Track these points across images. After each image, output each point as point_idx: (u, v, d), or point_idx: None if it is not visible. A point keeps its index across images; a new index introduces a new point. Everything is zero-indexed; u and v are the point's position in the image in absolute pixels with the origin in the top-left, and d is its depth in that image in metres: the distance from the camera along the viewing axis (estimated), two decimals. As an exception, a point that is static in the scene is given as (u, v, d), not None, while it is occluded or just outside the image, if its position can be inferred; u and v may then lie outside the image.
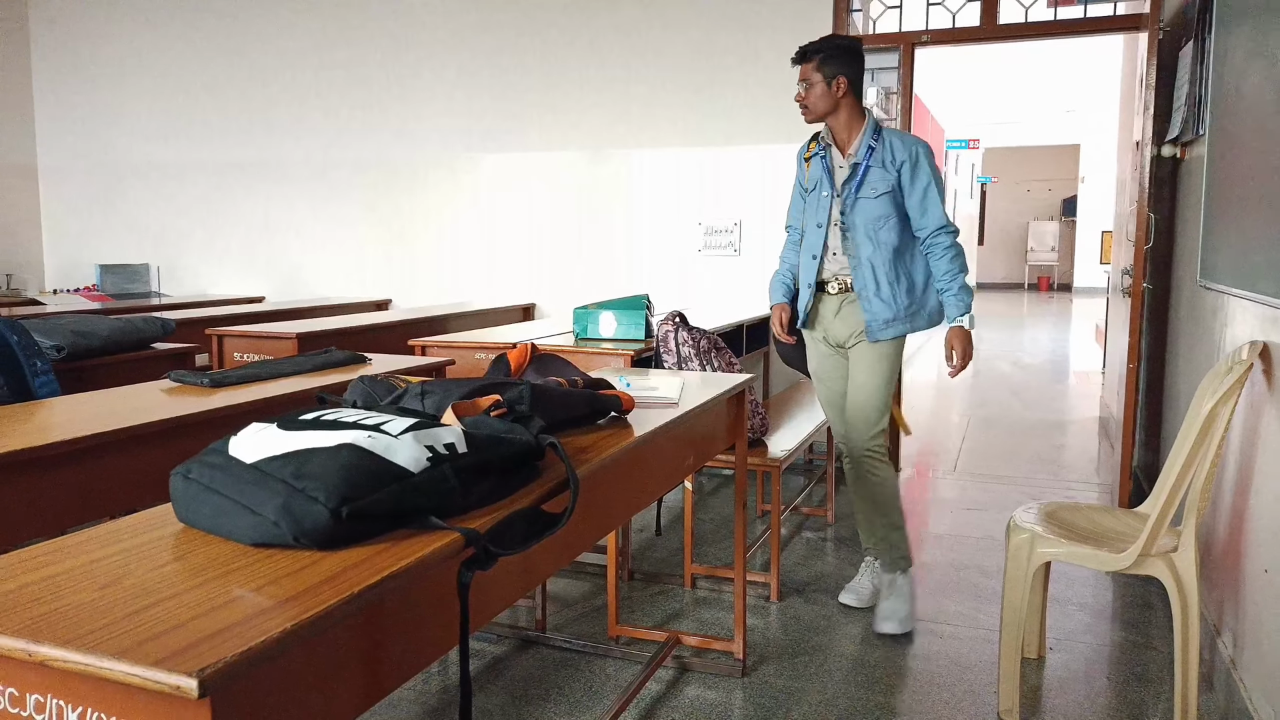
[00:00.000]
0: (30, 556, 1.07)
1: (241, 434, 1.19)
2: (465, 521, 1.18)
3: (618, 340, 3.53)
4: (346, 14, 5.75)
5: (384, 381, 1.57)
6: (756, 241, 4.98)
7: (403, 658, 1.12)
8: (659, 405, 2.03)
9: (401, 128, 5.71)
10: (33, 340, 2.51)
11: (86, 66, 6.55)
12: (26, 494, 1.70)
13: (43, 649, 0.86)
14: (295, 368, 2.55)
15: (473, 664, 2.65)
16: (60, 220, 6.82)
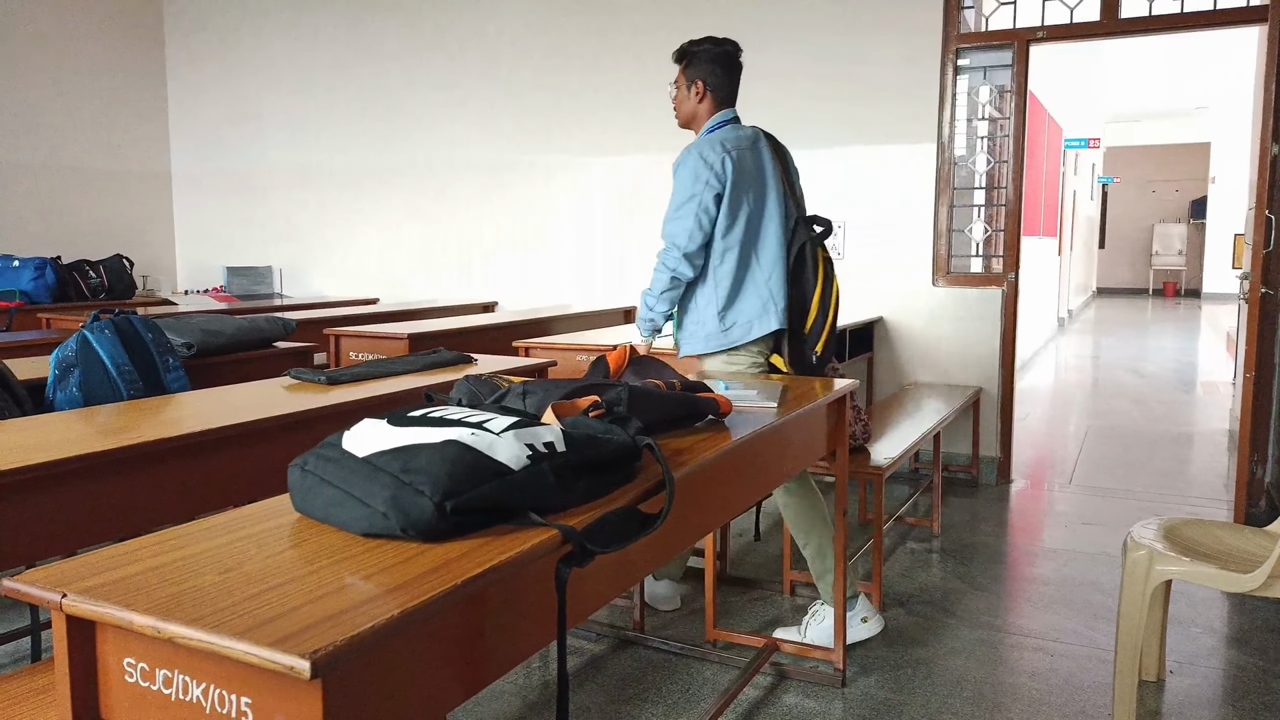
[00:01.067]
0: (160, 540, 1.15)
1: (354, 429, 1.24)
2: (563, 519, 1.21)
3: (718, 344, 3.52)
4: (453, 20, 5.92)
5: (488, 381, 1.61)
6: (860, 245, 4.90)
7: (502, 649, 1.15)
8: (757, 409, 2.02)
9: (510, 132, 5.84)
10: (165, 338, 2.67)
11: (216, 79, 6.93)
12: (157, 482, 1.82)
13: (171, 627, 0.91)
14: (406, 367, 2.64)
15: (571, 661, 2.69)
16: (191, 225, 7.23)
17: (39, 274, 5.36)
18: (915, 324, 4.84)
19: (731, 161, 2.71)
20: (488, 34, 5.83)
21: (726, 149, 2.73)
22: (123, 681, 1.00)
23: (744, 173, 2.74)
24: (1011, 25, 4.58)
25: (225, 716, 0.93)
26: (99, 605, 0.96)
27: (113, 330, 2.53)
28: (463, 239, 6.07)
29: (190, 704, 0.95)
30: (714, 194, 2.70)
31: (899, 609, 3.07)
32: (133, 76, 6.93)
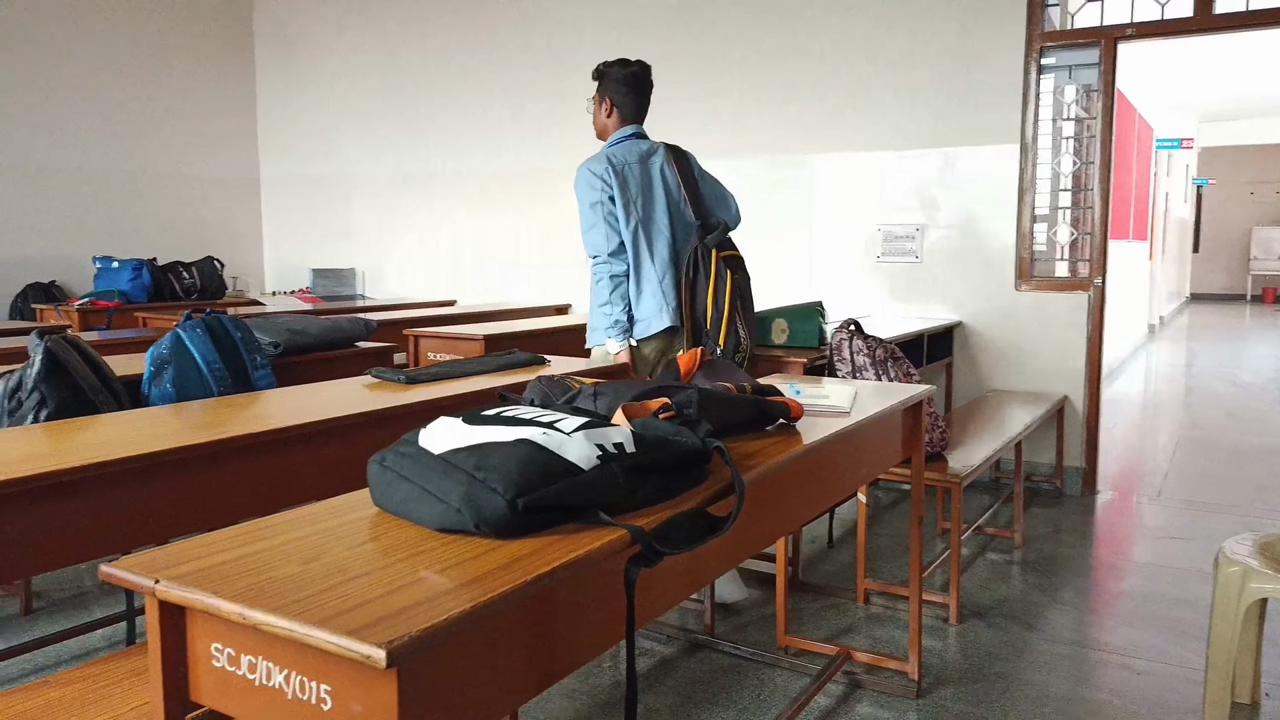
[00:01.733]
0: (246, 531, 1.19)
1: (431, 426, 1.27)
2: (632, 519, 1.22)
3: (789, 348, 3.50)
4: (531, 26, 6.00)
5: (560, 382, 1.63)
6: (939, 248, 4.81)
7: (572, 647, 1.17)
8: (829, 414, 2.00)
9: (577, 132, 5.89)
10: (253, 337, 2.77)
11: (303, 87, 7.15)
12: (244, 475, 1.89)
13: (255, 614, 0.95)
14: (481, 367, 2.69)
15: (642, 663, 2.70)
16: (279, 228, 7.48)
17: (136, 275, 5.61)
18: (997, 329, 4.72)
19: (614, 172, 3.06)
20: (561, 40, 5.90)
21: (610, 162, 3.08)
22: (210, 666, 1.04)
23: (630, 184, 3.09)
24: (1099, 23, 4.45)
25: (305, 702, 0.96)
26: (189, 591, 1.00)
27: (204, 329, 2.64)
28: (539, 242, 6.15)
29: (273, 689, 0.99)
30: (608, 197, 3.05)
31: (977, 620, 3.00)
32: (224, 85, 7.20)
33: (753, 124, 5.29)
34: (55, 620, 2.99)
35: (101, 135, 6.46)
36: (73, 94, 6.28)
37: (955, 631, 2.93)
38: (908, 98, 4.81)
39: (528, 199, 6.16)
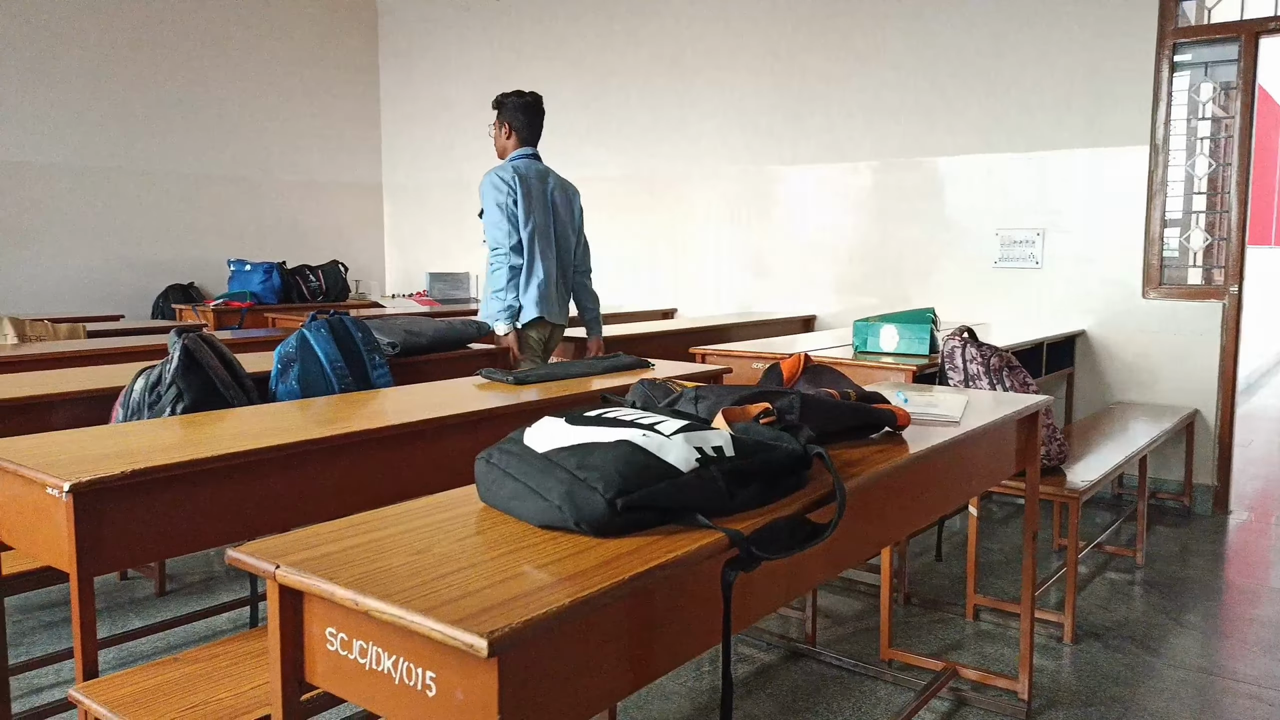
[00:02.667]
0: (360, 522, 1.25)
1: (535, 426, 1.30)
2: (730, 523, 1.22)
3: (899, 355, 3.43)
4: (636, 29, 6.05)
5: (662, 385, 1.65)
6: (1061, 253, 4.63)
7: (668, 647, 1.18)
8: (938, 423, 1.96)
9: (690, 140, 5.92)
10: (373, 337, 2.89)
11: (424, 99, 7.40)
12: (361, 468, 1.97)
13: (367, 600, 1.00)
14: (587, 369, 2.73)
15: (741, 669, 2.69)
16: (400, 233, 7.76)
17: (267, 277, 5.91)
18: (1122, 339, 4.52)
19: (519, 178, 3.53)
20: (679, 45, 5.93)
21: (515, 170, 3.55)
22: (325, 649, 1.09)
23: (530, 193, 3.55)
24: (1239, 16, 4.20)
25: (411, 688, 1.00)
26: (306, 577, 1.06)
27: (328, 329, 2.77)
28: (645, 247, 6.20)
29: (382, 674, 1.03)
30: (511, 199, 3.50)
31: (1094, 641, 2.88)
32: (351, 97, 7.53)
33: (865, 126, 5.21)
34: (186, 602, 3.18)
35: (238, 145, 6.85)
36: (212, 107, 6.67)
37: (1069, 652, 2.81)
38: (1032, 98, 4.65)
39: (637, 205, 6.22)
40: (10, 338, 3.54)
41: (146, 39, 6.31)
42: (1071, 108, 4.54)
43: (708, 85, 5.81)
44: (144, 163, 6.36)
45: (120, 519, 1.59)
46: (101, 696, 1.48)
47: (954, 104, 4.90)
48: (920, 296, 5.06)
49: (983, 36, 4.77)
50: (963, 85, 4.86)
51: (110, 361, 3.19)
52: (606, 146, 6.34)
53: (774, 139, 5.57)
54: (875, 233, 5.24)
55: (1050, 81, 4.59)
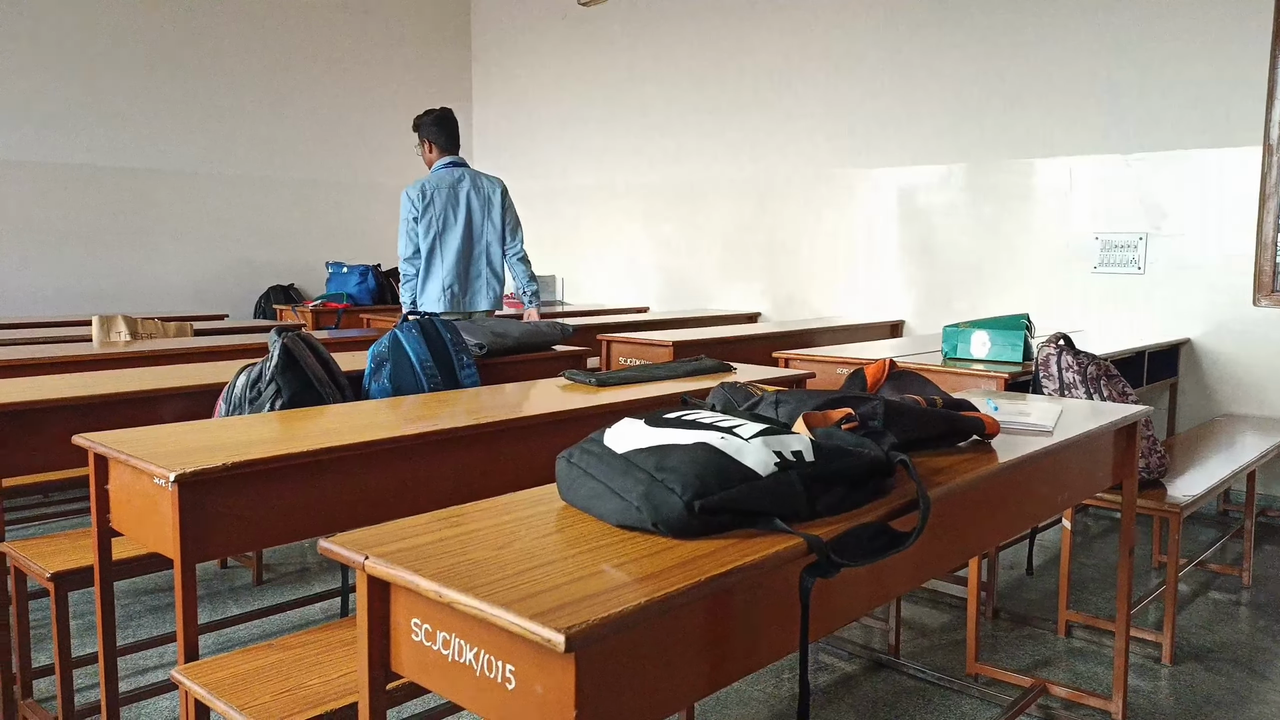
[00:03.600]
0: (446, 516, 1.29)
1: (615, 427, 1.32)
2: (809, 528, 1.21)
3: (991, 362, 3.35)
4: (726, 32, 6.04)
5: (743, 388, 1.64)
6: (1165, 258, 4.44)
7: (745, 651, 1.18)
8: (1030, 432, 1.90)
9: (777, 144, 5.88)
10: (461, 339, 2.96)
11: (515, 106, 7.54)
12: (448, 465, 2.02)
13: (450, 593, 1.02)
14: (669, 372, 2.74)
15: (821, 677, 2.66)
16: (488, 238, 7.91)
17: (362, 279, 6.11)
18: (1230, 348, 4.31)
19: (422, 198, 4.11)
20: (770, 52, 5.90)
21: (423, 189, 4.11)
22: (410, 639, 1.13)
23: (433, 204, 4.11)
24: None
25: (492, 680, 1.03)
26: (393, 568, 1.09)
27: (419, 330, 2.84)
28: (730, 251, 6.18)
29: (463, 665, 1.06)
30: (412, 217, 4.12)
31: (1194, 663, 2.75)
32: (443, 103, 7.70)
33: (957, 127, 5.09)
34: (281, 591, 3.31)
35: (337, 152, 7.09)
36: (314, 116, 6.92)
37: (1168, 673, 2.70)
38: (1134, 97, 4.49)
39: (721, 209, 6.21)
40: (124, 335, 3.74)
41: (255, 50, 6.58)
42: (1177, 108, 4.35)
43: (796, 88, 5.77)
44: (250, 169, 6.64)
45: (221, 509, 1.67)
46: (201, 679, 1.55)
47: (1050, 104, 4.75)
48: (1013, 302, 4.92)
49: (1081, 35, 4.61)
50: (1059, 85, 4.71)
51: (214, 359, 3.34)
52: (693, 150, 6.34)
53: (863, 141, 5.49)
54: (966, 236, 5.12)
55: (1154, 81, 4.41)
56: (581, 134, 7.05)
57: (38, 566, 2.10)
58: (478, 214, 4.20)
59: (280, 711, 1.46)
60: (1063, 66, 4.69)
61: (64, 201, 5.87)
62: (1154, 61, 4.41)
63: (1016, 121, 4.87)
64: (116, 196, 6.06)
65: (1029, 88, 4.81)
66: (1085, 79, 4.62)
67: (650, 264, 6.68)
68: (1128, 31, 4.48)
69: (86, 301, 5.94)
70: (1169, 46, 4.36)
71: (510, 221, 4.31)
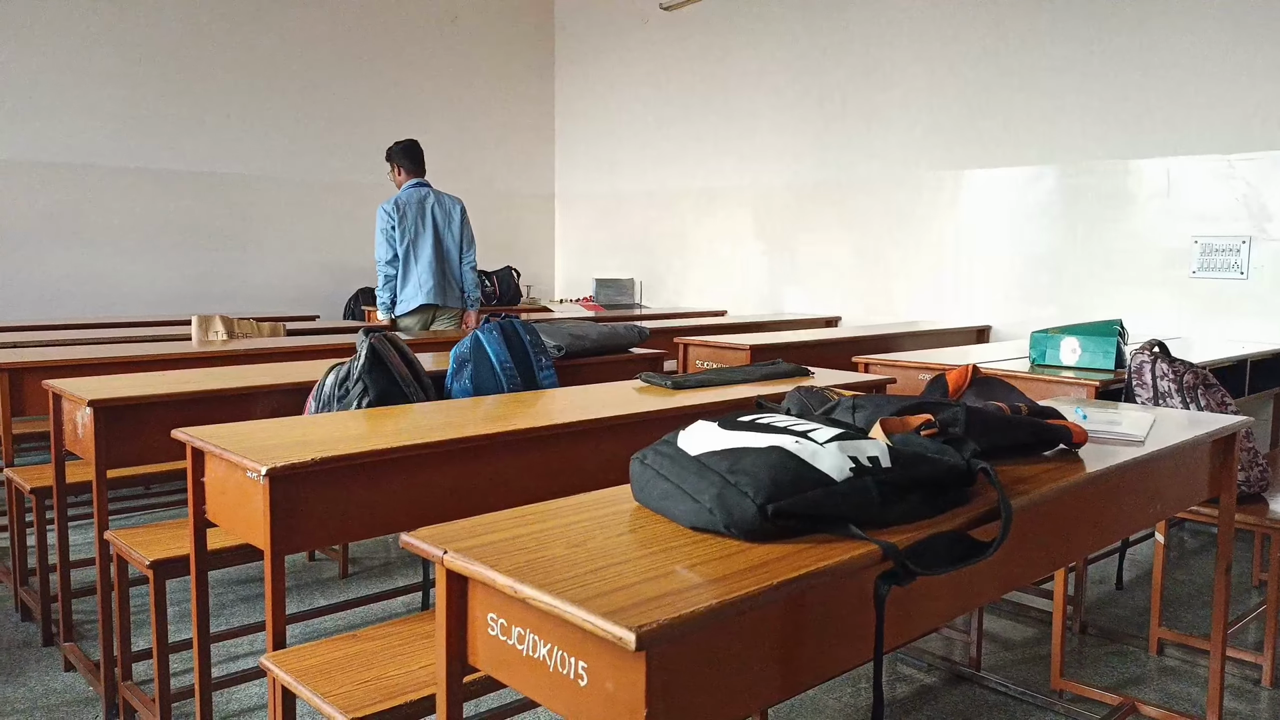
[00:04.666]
0: (523, 514, 1.31)
1: (689, 429, 1.32)
2: (885, 535, 1.20)
3: (1081, 369, 3.24)
4: (812, 35, 5.99)
5: (819, 393, 1.63)
6: (1271, 262, 4.24)
7: (819, 658, 1.17)
8: (1119, 442, 1.84)
9: (861, 145, 5.80)
10: (541, 340, 3.00)
11: (598, 112, 7.61)
12: (525, 463, 2.06)
13: (524, 589, 1.04)
14: (744, 376, 2.74)
15: (899, 688, 2.62)
16: (570, 241, 8.00)
17: (446, 282, 6.23)
18: (1342, 357, 4.09)
19: (397, 211, 4.83)
20: (816, 45, 5.84)
21: (397, 204, 4.84)
22: (486, 633, 1.15)
23: (406, 217, 4.84)
24: None
25: (565, 677, 1.04)
26: (470, 563, 1.12)
27: (499, 332, 2.89)
28: (811, 254, 6.13)
29: (537, 661, 1.08)
30: (389, 226, 4.81)
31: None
32: (527, 109, 7.83)
33: (1048, 127, 4.95)
34: (366, 584, 3.40)
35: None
36: (401, 123, 7.10)
37: (1268, 696, 2.57)
38: (1239, 94, 4.29)
39: (799, 212, 6.16)
40: (221, 335, 3.90)
41: (349, 62, 6.79)
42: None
43: (883, 89, 5.68)
44: (342, 176, 6.85)
45: (309, 502, 1.73)
46: (288, 666, 1.61)
47: (1147, 103, 4.58)
48: (1105, 308, 4.76)
49: (1177, 30, 4.44)
50: (1154, 83, 4.54)
51: (305, 358, 3.46)
52: (774, 152, 6.31)
53: (950, 142, 5.38)
54: (1056, 239, 4.97)
55: (1258, 77, 4.21)
56: (661, 138, 7.07)
57: (138, 555, 2.20)
58: (441, 226, 4.94)
59: (362, 700, 1.50)
60: (1160, 63, 4.51)
61: (167, 207, 6.14)
62: (1258, 57, 4.21)
63: (1111, 121, 4.71)
64: (216, 202, 6.32)
65: (1125, 86, 4.65)
66: (1184, 76, 4.44)
67: (729, 267, 6.66)
68: (1229, 26, 4.29)
69: (187, 302, 6.21)
70: (1273, 41, 4.16)
71: (466, 236, 5.01)
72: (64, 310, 5.77)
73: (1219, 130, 4.36)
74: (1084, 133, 4.82)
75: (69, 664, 2.71)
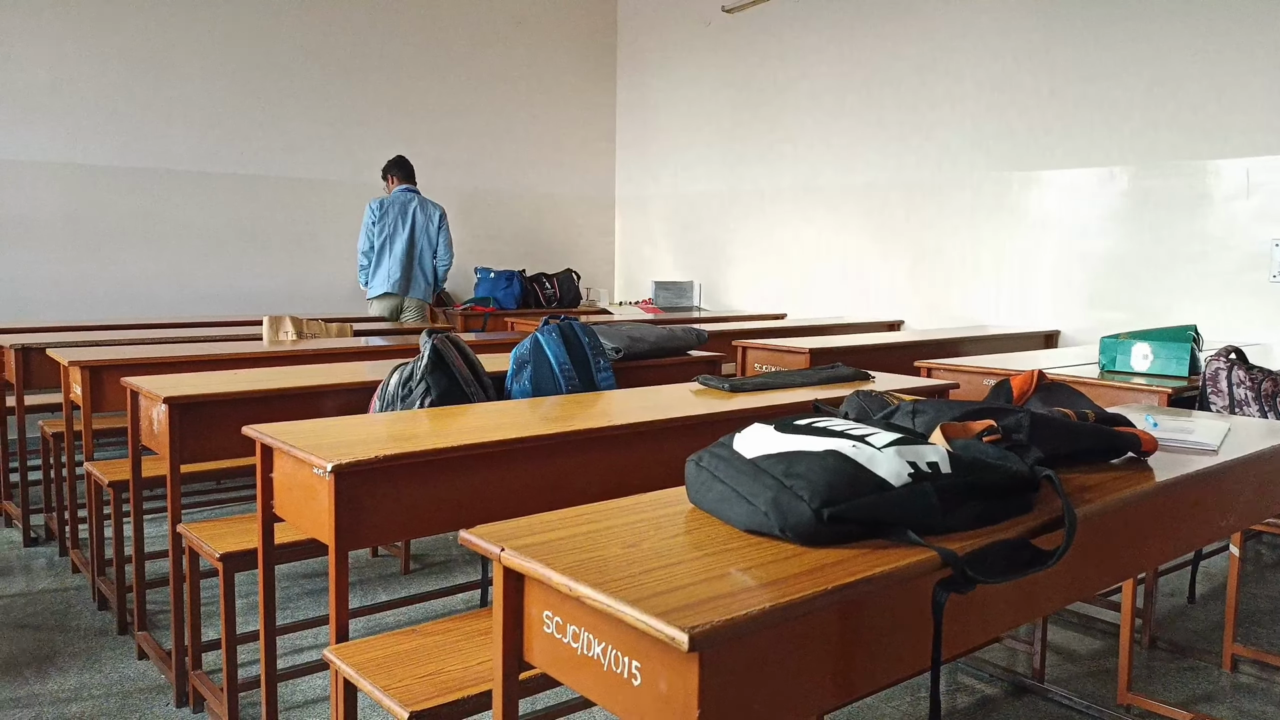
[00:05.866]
0: (580, 513, 1.32)
1: (745, 431, 1.32)
2: (944, 542, 1.18)
3: (1153, 376, 3.15)
4: (875, 35, 5.92)
5: (878, 397, 1.62)
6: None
7: (874, 665, 1.16)
8: (1192, 451, 1.79)
9: (925, 147, 5.71)
10: (599, 342, 3.02)
11: (658, 115, 7.62)
12: (582, 464, 2.08)
13: (579, 587, 1.05)
14: (803, 380, 2.72)
15: (960, 698, 2.57)
16: (629, 244, 8.03)
17: (508, 284, 6.32)
18: None
19: (380, 209, 5.65)
20: (873, 48, 5.76)
21: (382, 203, 5.66)
22: (541, 631, 1.17)
23: (388, 215, 5.65)
24: None
25: (618, 676, 1.05)
26: (527, 561, 1.13)
27: (558, 334, 2.92)
28: (873, 257, 6.05)
29: (591, 659, 1.09)
30: (370, 222, 5.63)
31: (1383, 712, 2.51)
32: (589, 112, 7.88)
33: (1121, 128, 4.82)
34: (427, 581, 3.46)
35: (487, 161, 7.36)
36: (467, 128, 7.21)
37: (1353, 720, 2.47)
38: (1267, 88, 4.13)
39: (860, 215, 6.09)
40: (291, 335, 4.00)
41: (412, 67, 6.92)
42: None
43: (948, 90, 5.60)
44: (405, 178, 6.98)
45: (372, 498, 1.77)
46: (350, 659, 1.65)
47: (1225, 102, 4.43)
48: (1179, 313, 4.61)
49: (1258, 25, 4.28)
50: (1233, 81, 4.38)
51: (371, 358, 3.53)
52: (836, 154, 6.25)
53: (1018, 143, 5.27)
54: (1128, 242, 4.83)
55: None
56: (722, 140, 7.05)
57: (209, 547, 2.27)
58: (419, 228, 5.70)
59: (421, 694, 1.53)
60: (1238, 63, 4.36)
61: (241, 210, 6.32)
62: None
63: (1188, 121, 4.57)
64: (286, 204, 6.49)
65: (1202, 84, 4.51)
66: (1265, 73, 4.28)
67: (789, 270, 6.62)
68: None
69: (259, 303, 6.38)
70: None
71: (444, 240, 5.77)
72: (142, 310, 5.98)
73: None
74: (1158, 133, 4.68)
75: (142, 652, 2.81)
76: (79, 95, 5.72)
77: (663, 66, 7.55)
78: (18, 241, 5.59)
